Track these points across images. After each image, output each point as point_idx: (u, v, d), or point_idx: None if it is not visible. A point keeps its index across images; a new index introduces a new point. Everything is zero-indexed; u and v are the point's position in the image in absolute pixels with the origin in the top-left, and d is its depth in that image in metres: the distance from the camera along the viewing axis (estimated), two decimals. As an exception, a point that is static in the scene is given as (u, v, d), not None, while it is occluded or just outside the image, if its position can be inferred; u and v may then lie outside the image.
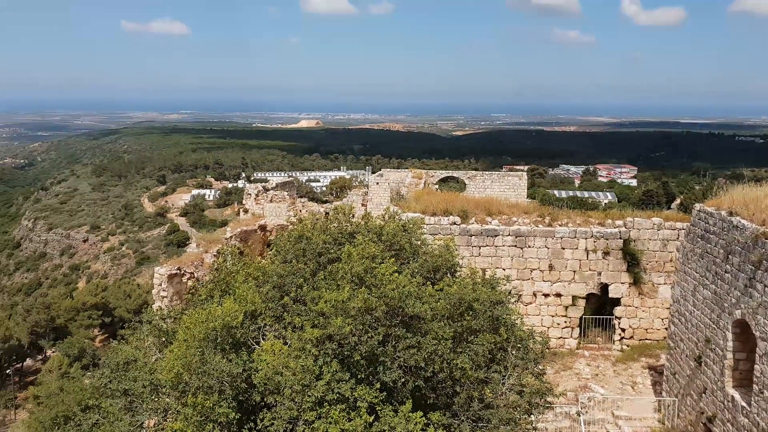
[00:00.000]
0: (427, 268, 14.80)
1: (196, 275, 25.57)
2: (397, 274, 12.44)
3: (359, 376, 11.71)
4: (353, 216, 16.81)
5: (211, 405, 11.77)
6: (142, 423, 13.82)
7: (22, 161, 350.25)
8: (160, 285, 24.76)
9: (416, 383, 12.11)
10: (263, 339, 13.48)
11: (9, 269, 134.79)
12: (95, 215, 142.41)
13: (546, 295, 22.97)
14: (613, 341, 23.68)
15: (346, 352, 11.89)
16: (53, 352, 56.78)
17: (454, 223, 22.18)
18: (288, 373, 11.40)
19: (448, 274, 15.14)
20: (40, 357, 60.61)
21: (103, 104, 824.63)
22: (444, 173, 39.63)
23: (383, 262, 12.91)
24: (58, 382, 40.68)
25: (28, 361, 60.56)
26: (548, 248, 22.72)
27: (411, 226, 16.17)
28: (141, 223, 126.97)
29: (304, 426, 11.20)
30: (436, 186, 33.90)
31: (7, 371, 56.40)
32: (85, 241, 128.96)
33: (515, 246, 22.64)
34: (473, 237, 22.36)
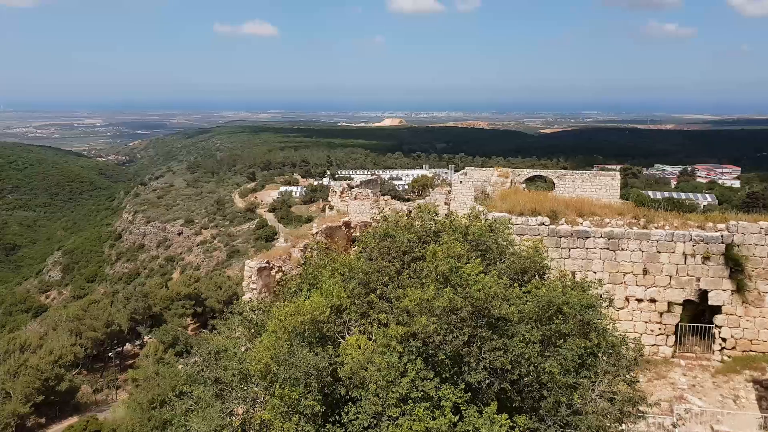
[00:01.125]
0: (515, 269, 14.51)
1: (283, 269, 26.28)
2: (483, 275, 12.25)
3: (443, 376, 11.63)
4: (437, 215, 16.70)
5: (298, 397, 12.03)
6: (232, 410, 14.29)
7: (123, 158, 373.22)
8: (250, 277, 25.62)
9: (502, 385, 11.90)
10: (348, 334, 13.65)
11: (111, 259, 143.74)
12: (189, 210, 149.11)
13: (639, 301, 21.96)
14: (713, 351, 22.32)
15: (430, 351, 11.84)
16: (150, 338, 59.94)
17: (543, 224, 21.60)
18: (373, 369, 11.48)
19: (537, 276, 14.77)
20: (138, 342, 64.11)
21: (197, 104, 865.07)
22: (531, 172, 38.59)
23: (469, 262, 12.75)
24: (154, 367, 42.95)
25: (128, 346, 64.22)
26: (643, 251, 21.70)
27: (497, 225, 15.88)
28: (232, 218, 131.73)
29: (388, 422, 11.23)
30: (523, 185, 33.14)
31: (110, 354, 60.14)
32: (179, 234, 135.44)
33: (607, 248, 21.77)
34: (563, 238, 21.69)
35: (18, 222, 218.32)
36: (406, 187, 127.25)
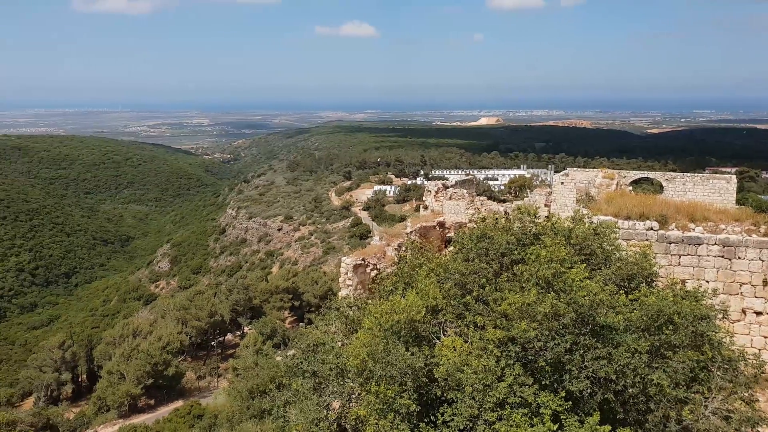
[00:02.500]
0: (621, 275, 13.88)
1: (378, 267, 26.50)
2: (588, 281, 11.80)
3: (543, 382, 11.32)
4: (537, 216, 16.22)
5: (393, 395, 12.09)
6: (329, 404, 14.57)
7: (228, 156, 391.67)
8: (346, 274, 26.03)
9: (605, 396, 11.43)
10: (444, 335, 13.56)
11: (215, 252, 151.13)
12: (289, 207, 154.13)
13: (758, 313, 20.34)
14: (843, 373, 20.32)
15: (529, 357, 11.55)
16: (249, 329, 62.21)
17: (651, 229, 20.48)
18: (469, 371, 11.35)
19: (644, 284, 14.04)
20: (238, 333, 66.74)
21: (297, 105, 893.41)
22: (637, 174, 36.60)
23: (572, 267, 12.31)
24: (253, 358, 44.47)
25: (229, 336, 66.98)
26: (763, 261, 20.09)
27: (603, 229, 15.26)
28: (328, 215, 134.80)
29: (484, 425, 11.06)
30: (630, 188, 31.57)
31: (212, 343, 63.12)
32: (279, 229, 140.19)
33: (722, 256, 20.34)
34: (672, 245, 20.48)
35: (132, 215, 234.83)
36: (502, 187, 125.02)
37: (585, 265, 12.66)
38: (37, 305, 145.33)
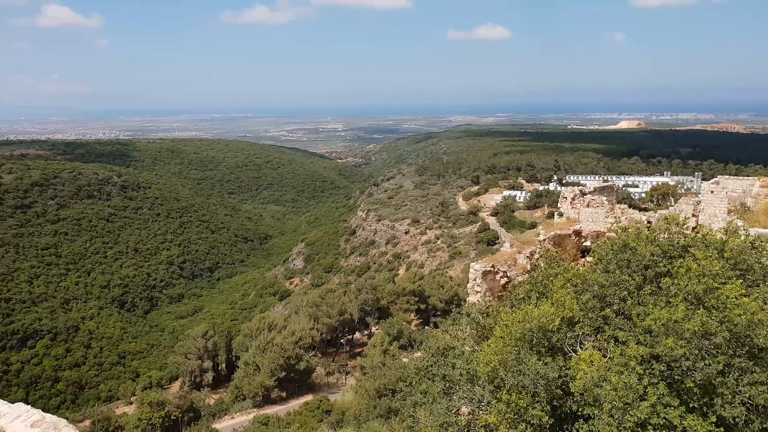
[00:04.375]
0: (783, 294, 12.63)
1: (509, 274, 26.02)
2: (744, 298, 10.89)
3: (690, 405, 10.60)
4: (684, 227, 15.18)
5: (525, 405, 11.88)
6: (458, 409, 14.58)
7: (360, 160, 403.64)
8: (475, 280, 25.81)
9: (764, 425, 10.46)
10: (580, 348, 13.09)
11: (346, 252, 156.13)
12: (416, 210, 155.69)
13: None
14: None
15: (675, 377, 10.86)
16: (377, 329, 63.60)
17: (819, 244, 18.47)
18: (608, 388, 10.89)
19: (812, 304, 12.69)
20: (366, 332, 68.44)
21: (428, 109, 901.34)
22: (802, 183, 33.19)
23: (726, 283, 11.42)
24: (380, 358, 45.36)
25: (357, 334, 68.87)
26: None
27: (762, 243, 13.99)
28: (455, 220, 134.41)
29: (622, 446, 10.55)
30: (793, 198, 28.61)
31: (341, 341, 65.22)
32: (406, 232, 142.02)
33: None
34: None
35: (270, 215, 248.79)
36: (643, 195, 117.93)
37: (741, 281, 11.67)
38: (183, 296, 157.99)
